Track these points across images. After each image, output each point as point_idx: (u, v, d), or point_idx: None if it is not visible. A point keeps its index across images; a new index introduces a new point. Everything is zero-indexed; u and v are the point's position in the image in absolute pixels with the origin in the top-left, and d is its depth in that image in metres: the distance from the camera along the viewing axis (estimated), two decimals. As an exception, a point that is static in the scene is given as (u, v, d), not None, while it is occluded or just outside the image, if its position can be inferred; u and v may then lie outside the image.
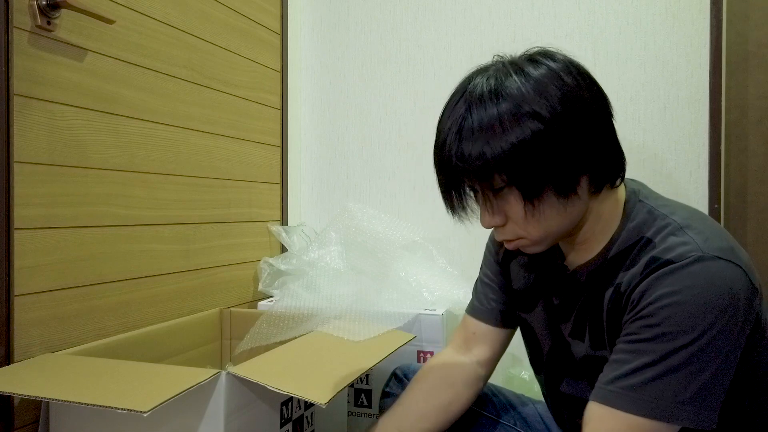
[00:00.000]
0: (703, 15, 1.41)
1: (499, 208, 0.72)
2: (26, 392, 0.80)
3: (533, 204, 0.69)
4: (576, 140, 0.68)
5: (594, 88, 0.72)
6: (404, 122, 1.72)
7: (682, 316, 0.64)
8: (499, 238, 0.77)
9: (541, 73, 0.69)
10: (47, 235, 1.01)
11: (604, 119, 0.72)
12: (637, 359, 0.66)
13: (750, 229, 1.40)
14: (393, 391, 1.01)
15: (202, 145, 1.40)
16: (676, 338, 0.64)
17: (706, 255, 0.65)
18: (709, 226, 0.71)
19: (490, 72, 0.71)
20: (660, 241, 0.70)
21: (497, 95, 0.68)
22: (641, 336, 0.67)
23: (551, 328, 0.86)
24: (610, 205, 0.76)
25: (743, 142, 1.41)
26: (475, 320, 0.96)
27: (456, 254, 1.59)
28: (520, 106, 0.66)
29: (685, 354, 0.64)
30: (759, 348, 0.71)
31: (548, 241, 0.75)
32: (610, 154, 0.73)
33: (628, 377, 0.66)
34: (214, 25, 1.44)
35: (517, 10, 1.58)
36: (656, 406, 0.64)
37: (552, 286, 0.85)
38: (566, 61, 0.71)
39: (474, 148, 0.68)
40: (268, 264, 1.59)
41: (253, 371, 0.87)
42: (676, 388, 0.64)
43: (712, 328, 0.63)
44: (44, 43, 1.00)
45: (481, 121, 0.68)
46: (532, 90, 0.67)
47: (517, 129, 0.66)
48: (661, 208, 0.74)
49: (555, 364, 0.87)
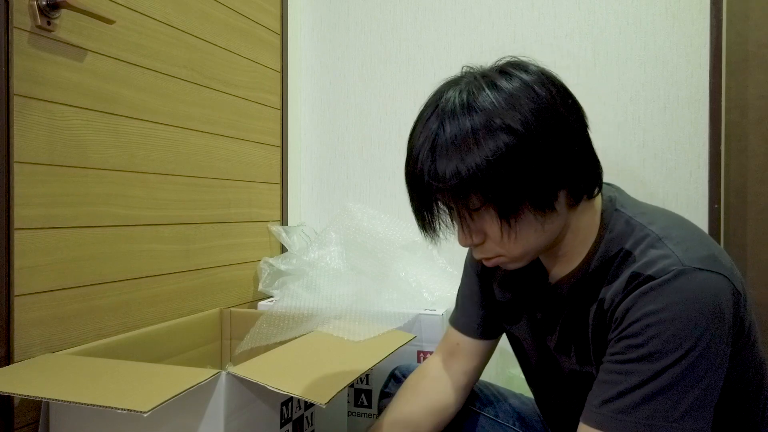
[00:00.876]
0: (703, 15, 1.41)
1: (476, 227, 0.70)
2: (26, 392, 0.80)
3: (509, 223, 0.68)
4: (551, 153, 0.66)
5: (568, 99, 0.70)
6: (404, 122, 1.72)
7: (667, 335, 0.63)
8: (477, 257, 0.75)
9: (513, 86, 0.67)
10: (47, 235, 1.01)
11: (579, 131, 0.70)
12: (625, 381, 0.65)
13: (750, 229, 1.40)
14: (392, 391, 1.01)
15: (201, 145, 1.40)
16: (663, 357, 0.63)
17: (687, 268, 0.64)
18: (689, 233, 0.70)
19: (461, 85, 0.69)
20: (640, 254, 0.69)
21: (470, 109, 0.66)
22: (628, 356, 0.66)
23: (537, 341, 0.85)
24: (587, 217, 0.74)
25: (743, 142, 1.41)
26: (458, 333, 0.95)
27: (456, 254, 1.59)
28: (493, 119, 0.65)
29: (674, 373, 0.63)
30: (744, 352, 0.70)
31: (528, 257, 0.74)
32: (587, 165, 0.71)
33: (617, 400, 0.65)
34: (214, 25, 1.45)
35: (517, 10, 1.58)
36: (648, 427, 0.63)
37: (534, 300, 0.84)
38: (539, 72, 0.70)
39: (448, 166, 0.65)
40: (268, 264, 1.59)
41: (253, 371, 0.87)
42: (667, 407, 0.63)
43: (699, 344, 0.62)
44: (44, 43, 1.00)
45: (454, 136, 0.66)
46: (505, 103, 0.65)
47: (491, 143, 0.64)
48: (638, 218, 0.73)
49: (543, 376, 0.87)
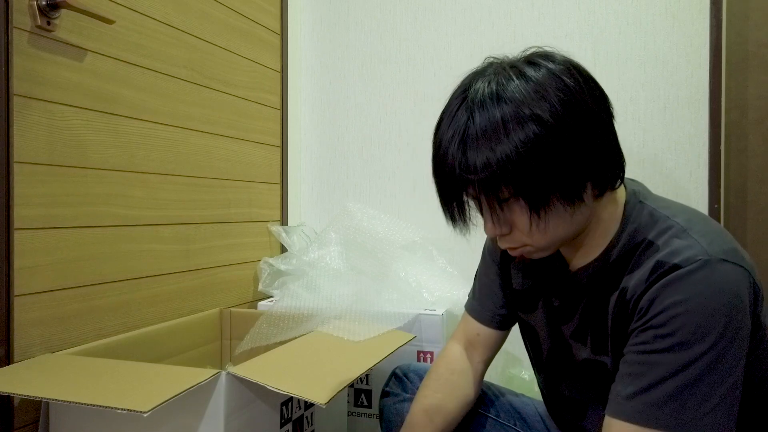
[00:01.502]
0: (703, 15, 1.41)
1: (505, 217, 0.70)
2: (26, 392, 0.80)
3: (539, 214, 0.68)
4: (580, 143, 0.66)
5: (596, 90, 0.70)
6: (404, 122, 1.72)
7: (695, 325, 0.63)
8: (503, 246, 0.75)
9: (541, 75, 0.67)
10: (47, 235, 1.01)
11: (606, 121, 0.70)
12: (653, 372, 0.65)
13: (750, 229, 1.40)
14: (393, 390, 1.01)
15: (201, 145, 1.40)
16: (691, 348, 0.63)
17: (712, 258, 0.65)
18: (712, 227, 0.70)
19: (489, 76, 0.69)
20: (664, 244, 0.69)
21: (499, 99, 0.66)
22: (655, 346, 0.65)
23: (552, 329, 0.86)
24: (610, 208, 0.75)
25: (743, 142, 1.40)
26: (477, 323, 0.96)
27: (456, 254, 1.59)
28: (522, 109, 0.65)
29: (703, 363, 0.63)
30: (758, 351, 0.70)
31: (554, 247, 0.74)
32: (613, 156, 0.71)
33: (648, 392, 0.65)
34: (214, 25, 1.44)
35: (517, 10, 1.58)
36: (680, 420, 0.63)
37: (552, 288, 0.84)
38: (566, 62, 0.70)
39: (479, 156, 0.65)
40: (268, 264, 1.59)
41: (253, 371, 0.87)
42: (698, 399, 0.63)
43: (726, 334, 0.63)
44: (44, 43, 1.00)
45: (484, 127, 0.66)
46: (534, 92, 0.65)
47: (520, 132, 0.64)
48: (663, 210, 0.73)
49: (555, 365, 0.87)
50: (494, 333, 0.95)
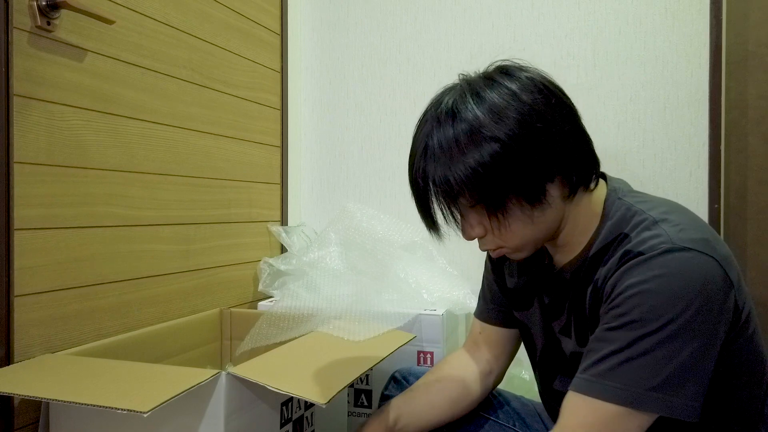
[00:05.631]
0: (703, 15, 1.41)
1: (473, 222, 0.74)
2: (26, 392, 0.80)
3: (498, 218, 0.71)
4: (537, 156, 0.69)
5: (553, 99, 0.71)
6: (404, 122, 1.72)
7: (649, 305, 0.65)
8: (482, 248, 0.79)
9: (497, 94, 0.70)
10: (47, 235, 1.01)
11: (569, 129, 0.72)
12: (605, 347, 0.67)
13: (750, 229, 1.40)
14: (392, 393, 1.02)
15: (201, 145, 1.40)
16: (643, 326, 0.65)
17: (675, 246, 0.66)
18: (687, 219, 0.72)
19: (452, 94, 0.73)
20: (635, 235, 0.71)
21: (454, 117, 0.70)
22: (611, 325, 0.68)
23: (545, 326, 0.87)
24: (587, 207, 0.77)
25: (743, 142, 1.40)
26: (479, 321, 1.00)
27: (456, 254, 1.59)
28: (479, 129, 0.68)
29: (652, 341, 0.64)
30: (740, 340, 0.71)
31: (528, 248, 0.77)
32: (580, 159, 0.73)
33: (597, 365, 0.68)
34: (214, 25, 1.44)
35: (517, 10, 1.58)
36: (624, 392, 0.65)
37: (542, 286, 0.87)
38: (526, 77, 0.72)
39: (437, 171, 0.70)
40: (268, 264, 1.59)
41: (253, 371, 0.87)
42: (643, 374, 0.64)
43: (681, 316, 0.64)
44: (44, 43, 1.00)
45: (440, 143, 0.70)
46: (488, 113, 0.68)
47: (476, 152, 0.67)
48: (639, 204, 0.75)
49: (548, 361, 0.89)
50: (497, 329, 0.97)
